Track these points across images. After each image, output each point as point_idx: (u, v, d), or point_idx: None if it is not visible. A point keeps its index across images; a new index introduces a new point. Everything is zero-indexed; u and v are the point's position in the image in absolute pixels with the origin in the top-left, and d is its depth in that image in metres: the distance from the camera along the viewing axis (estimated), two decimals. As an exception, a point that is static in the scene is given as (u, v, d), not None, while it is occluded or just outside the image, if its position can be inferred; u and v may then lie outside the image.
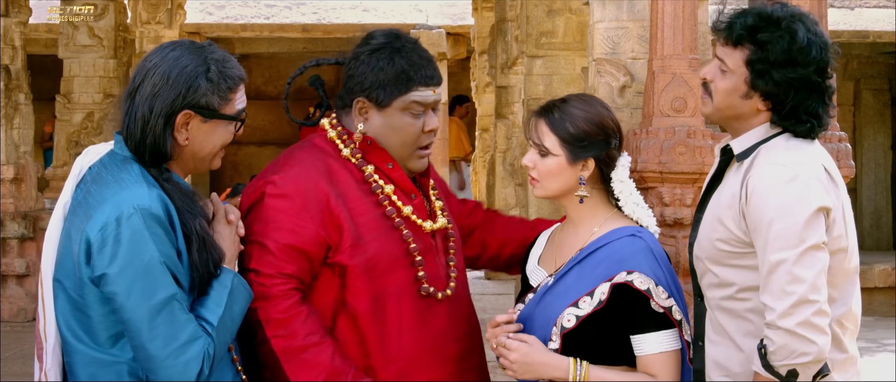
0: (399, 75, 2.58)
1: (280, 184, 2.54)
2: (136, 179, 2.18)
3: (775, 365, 2.29)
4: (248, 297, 2.32)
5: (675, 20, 3.67)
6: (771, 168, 2.35)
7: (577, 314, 2.48)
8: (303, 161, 2.60)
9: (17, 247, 9.17)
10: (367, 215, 2.57)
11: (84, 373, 2.17)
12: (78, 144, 10.71)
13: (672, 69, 3.66)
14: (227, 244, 2.30)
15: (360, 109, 2.63)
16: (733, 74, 2.44)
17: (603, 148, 2.57)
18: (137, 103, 2.24)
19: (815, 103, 2.41)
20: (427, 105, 2.63)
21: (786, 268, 2.28)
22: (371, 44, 2.63)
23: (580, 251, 2.57)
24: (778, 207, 2.30)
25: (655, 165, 3.57)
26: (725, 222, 2.42)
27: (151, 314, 2.09)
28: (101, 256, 2.10)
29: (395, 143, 2.63)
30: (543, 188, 2.61)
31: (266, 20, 14.59)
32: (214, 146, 2.33)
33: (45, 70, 13.57)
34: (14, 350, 7.70)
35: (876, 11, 13.57)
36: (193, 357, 2.11)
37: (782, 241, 2.29)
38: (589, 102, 2.61)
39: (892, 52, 13.81)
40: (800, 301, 2.26)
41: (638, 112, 3.97)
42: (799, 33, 2.38)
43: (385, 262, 2.56)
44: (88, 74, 10.67)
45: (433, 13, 14.72)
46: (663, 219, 3.60)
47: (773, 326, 2.28)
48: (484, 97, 13.01)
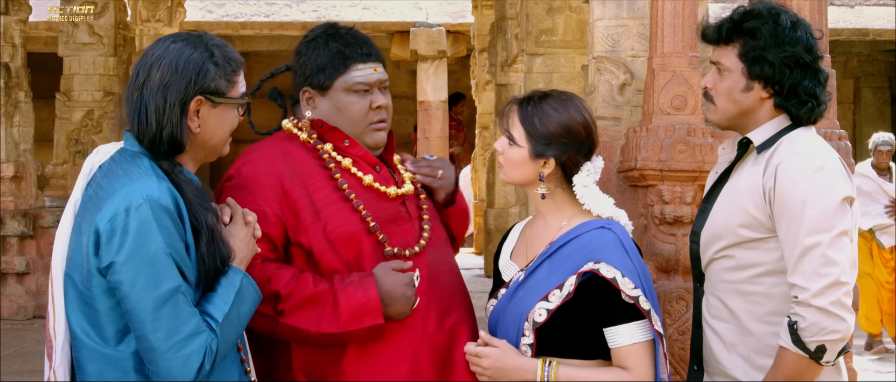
0: (335, 56, 2.66)
1: (236, 174, 2.62)
2: (146, 171, 2.19)
3: (806, 341, 2.39)
4: (256, 298, 2.32)
5: (675, 18, 3.67)
6: (799, 157, 2.47)
7: (548, 308, 2.49)
8: (260, 148, 2.69)
9: (17, 245, 9.17)
10: (324, 190, 2.62)
11: (92, 370, 2.18)
12: (78, 142, 10.71)
13: (672, 67, 3.66)
14: (239, 244, 2.30)
15: (307, 98, 2.71)
16: (731, 72, 2.56)
17: (566, 151, 2.58)
18: (147, 96, 2.24)
19: (811, 83, 2.54)
20: (371, 84, 2.68)
21: (820, 251, 2.39)
22: (307, 37, 2.73)
23: (550, 245, 2.59)
24: (810, 193, 2.42)
25: (655, 163, 3.57)
26: (747, 208, 2.51)
27: (155, 305, 2.09)
28: (110, 246, 2.11)
29: (345, 123, 2.68)
30: (506, 174, 2.67)
31: (266, 18, 14.59)
32: (225, 132, 2.34)
33: (45, 68, 13.57)
34: (14, 348, 7.70)
35: (876, 9, 13.56)
36: (195, 351, 2.11)
37: (815, 225, 2.40)
38: (565, 104, 2.61)
39: (892, 50, 13.81)
40: (834, 283, 2.38)
41: (638, 110, 3.97)
42: (781, 17, 2.54)
43: (346, 231, 2.60)
44: (88, 71, 10.66)
45: (433, 11, 14.71)
46: (663, 217, 3.60)
47: (806, 304, 2.38)
48: (484, 95, 13.01)
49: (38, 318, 9.08)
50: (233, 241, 2.29)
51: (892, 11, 13.15)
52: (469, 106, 15.42)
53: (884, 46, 13.96)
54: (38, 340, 8.08)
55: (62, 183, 10.79)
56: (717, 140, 3.56)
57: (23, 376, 6.74)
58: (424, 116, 13.97)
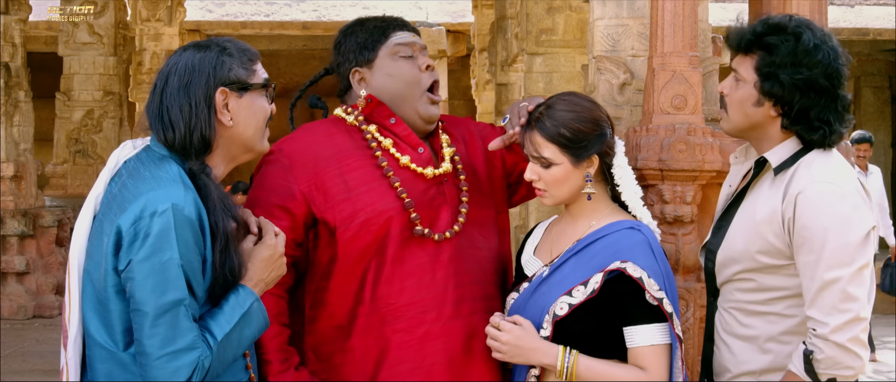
0: (373, 31, 2.75)
1: (276, 150, 2.66)
2: (174, 178, 2.19)
3: (819, 373, 2.35)
4: (264, 325, 2.29)
5: (675, 17, 3.67)
6: (820, 186, 2.38)
7: (570, 303, 2.48)
8: (307, 128, 2.73)
9: (17, 245, 9.17)
10: (360, 169, 2.64)
11: (102, 369, 2.18)
12: (78, 141, 10.72)
13: (672, 67, 3.66)
14: (260, 266, 2.28)
15: (358, 79, 2.74)
16: (746, 83, 2.48)
17: (601, 141, 2.56)
18: (168, 101, 2.24)
19: (825, 110, 2.44)
20: (413, 46, 2.74)
21: (840, 286, 2.33)
22: (342, 30, 2.82)
23: (577, 241, 2.57)
24: (832, 226, 2.35)
25: (655, 162, 3.57)
26: (766, 236, 2.45)
27: (156, 312, 2.09)
28: (131, 249, 2.12)
29: (401, 88, 2.70)
30: (553, 197, 2.60)
31: (266, 17, 14.59)
32: (259, 121, 2.33)
33: (45, 67, 13.57)
34: (14, 347, 7.70)
35: (876, 9, 13.56)
36: (184, 365, 2.10)
37: (836, 259, 2.33)
38: (573, 101, 2.58)
39: (892, 49, 13.81)
40: (853, 319, 2.33)
41: (638, 110, 3.97)
42: (804, 36, 2.43)
43: (376, 210, 2.60)
44: (88, 71, 10.67)
45: (433, 11, 14.71)
46: (663, 216, 3.59)
47: (825, 338, 2.33)
48: (484, 95, 13.00)
49: (38, 318, 9.09)
50: (251, 262, 2.27)
51: (892, 11, 13.15)
52: (469, 106, 15.42)
53: (884, 46, 13.95)
54: (37, 340, 8.08)
55: (62, 183, 10.80)
56: (718, 140, 3.55)
57: (23, 375, 6.74)
58: (424, 115, 13.94)
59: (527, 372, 2.53)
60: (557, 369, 2.46)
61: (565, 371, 2.45)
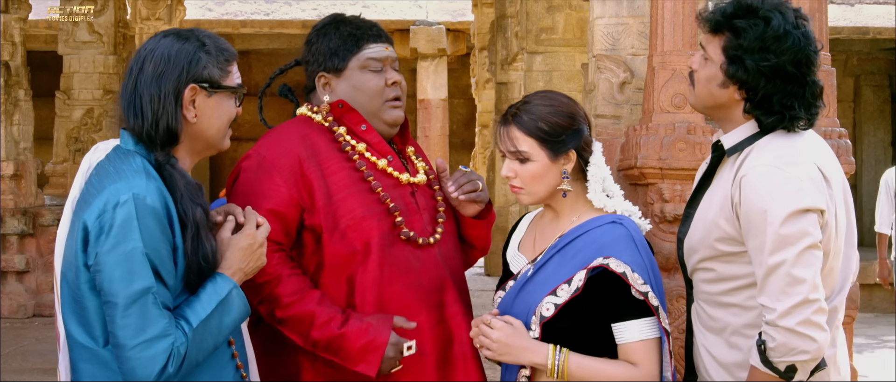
0: (347, 38, 2.73)
1: (254, 154, 2.65)
2: (137, 170, 2.20)
3: (775, 361, 2.30)
4: (244, 313, 2.29)
5: (675, 16, 3.67)
6: (763, 169, 2.34)
7: (556, 303, 2.47)
8: (279, 131, 2.72)
9: (17, 243, 9.17)
10: (340, 172, 2.65)
11: (84, 369, 2.19)
12: (77, 140, 10.71)
13: (672, 65, 3.66)
14: (238, 255, 2.28)
15: (323, 84, 2.75)
16: (713, 63, 2.45)
17: (579, 136, 2.56)
18: (141, 88, 2.26)
19: (790, 96, 2.39)
20: (384, 60, 2.73)
21: (784, 270, 2.28)
22: (317, 27, 2.79)
23: (560, 238, 2.57)
24: (772, 208, 2.30)
25: (655, 161, 3.57)
26: (719, 223, 2.42)
27: (126, 302, 2.10)
28: (97, 242, 2.13)
29: (364, 101, 2.71)
30: (530, 194, 2.59)
31: (266, 16, 14.59)
32: (222, 122, 2.34)
33: (44, 66, 13.57)
34: (14, 347, 7.70)
35: (876, 8, 13.56)
36: (160, 352, 2.10)
37: (778, 242, 2.29)
38: (550, 97, 2.59)
39: (892, 48, 13.81)
40: (801, 302, 2.27)
41: (638, 108, 3.97)
42: (774, 21, 2.37)
43: (357, 216, 2.61)
44: (88, 70, 10.67)
45: (433, 9, 14.71)
46: (663, 215, 3.59)
47: (774, 325, 2.29)
48: (484, 94, 13.01)
49: (38, 316, 9.09)
50: (230, 251, 2.27)
51: (892, 10, 13.15)
52: (469, 105, 15.43)
53: (884, 45, 13.95)
54: (37, 338, 8.08)
55: (62, 181, 10.79)
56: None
57: (23, 374, 6.74)
58: (424, 114, 13.98)
59: (517, 373, 2.53)
60: (548, 368, 2.45)
61: (556, 370, 2.45)
